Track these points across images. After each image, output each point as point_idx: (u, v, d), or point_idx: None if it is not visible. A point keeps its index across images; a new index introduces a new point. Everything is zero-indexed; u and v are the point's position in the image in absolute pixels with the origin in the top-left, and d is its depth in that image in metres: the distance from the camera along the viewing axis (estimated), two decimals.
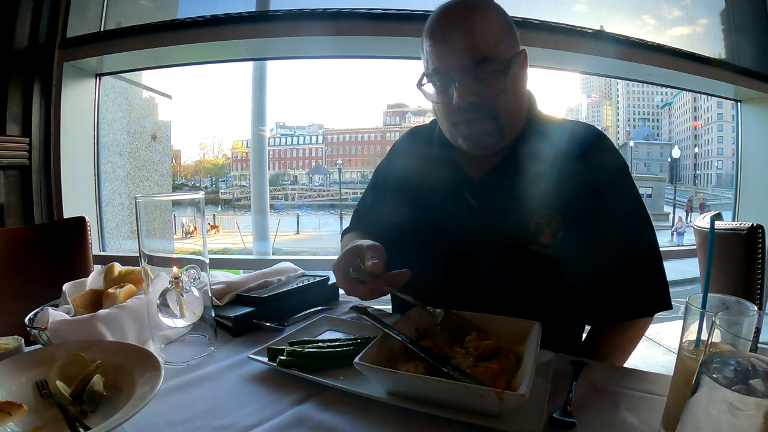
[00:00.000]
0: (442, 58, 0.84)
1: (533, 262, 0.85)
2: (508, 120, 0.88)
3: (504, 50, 0.84)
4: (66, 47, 2.25)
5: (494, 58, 0.82)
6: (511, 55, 0.85)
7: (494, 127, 0.87)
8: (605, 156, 0.91)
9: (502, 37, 0.84)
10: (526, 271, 0.86)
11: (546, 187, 0.87)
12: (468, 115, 0.85)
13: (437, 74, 0.86)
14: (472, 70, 0.82)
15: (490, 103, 0.85)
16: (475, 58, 0.81)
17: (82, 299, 0.81)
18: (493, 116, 0.86)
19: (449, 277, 0.90)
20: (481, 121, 0.86)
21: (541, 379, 0.61)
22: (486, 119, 0.86)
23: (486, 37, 0.82)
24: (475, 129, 0.87)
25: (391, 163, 1.10)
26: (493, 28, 0.83)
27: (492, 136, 0.88)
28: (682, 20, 2.78)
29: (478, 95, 0.83)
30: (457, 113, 0.86)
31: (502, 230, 0.88)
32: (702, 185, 24.69)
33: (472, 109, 0.84)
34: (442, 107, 0.89)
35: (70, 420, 0.54)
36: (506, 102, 0.86)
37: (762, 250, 1.26)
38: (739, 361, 0.38)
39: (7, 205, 2.08)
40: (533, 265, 0.85)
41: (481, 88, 0.83)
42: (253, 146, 2.87)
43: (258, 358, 0.71)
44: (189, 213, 0.76)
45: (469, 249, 0.90)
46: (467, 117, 0.85)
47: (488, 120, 0.86)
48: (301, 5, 2.23)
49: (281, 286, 1.00)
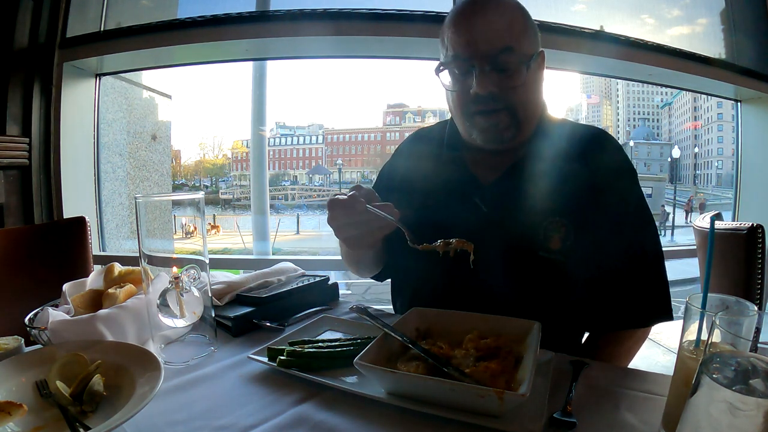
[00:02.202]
0: (465, 45, 0.82)
1: (540, 267, 0.84)
2: (524, 115, 0.87)
3: (526, 45, 0.83)
4: (66, 47, 2.25)
5: (517, 50, 0.81)
6: (533, 52, 0.84)
7: (511, 120, 0.85)
8: (613, 159, 0.90)
9: (526, 32, 0.84)
10: (531, 275, 0.85)
11: (556, 192, 0.87)
12: (485, 106, 0.84)
13: (457, 61, 0.84)
14: (495, 58, 0.81)
15: (510, 95, 0.83)
16: (499, 46, 0.80)
17: (82, 299, 0.81)
18: (511, 109, 0.85)
19: (452, 279, 0.89)
20: (499, 113, 0.85)
21: (541, 379, 0.61)
22: (503, 111, 0.85)
23: (511, 27, 0.82)
24: (492, 120, 0.85)
25: (396, 165, 1.07)
26: (519, 21, 0.83)
27: (509, 130, 0.86)
28: (681, 20, 2.78)
29: (498, 85, 0.82)
30: (474, 103, 0.84)
31: (510, 235, 0.86)
32: (702, 185, 24.68)
33: (490, 99, 0.83)
34: (459, 97, 0.87)
35: (70, 420, 0.54)
36: (525, 96, 0.85)
37: (762, 250, 1.26)
38: (739, 361, 0.38)
39: (7, 205, 2.08)
40: (539, 269, 0.85)
41: (502, 79, 0.82)
42: (253, 146, 2.87)
43: (258, 358, 0.71)
44: (189, 213, 0.76)
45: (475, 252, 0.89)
46: (485, 108, 0.84)
47: (505, 112, 0.85)
48: (301, 5, 2.23)
49: (281, 286, 1.00)
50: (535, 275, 0.85)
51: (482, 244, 0.86)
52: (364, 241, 0.79)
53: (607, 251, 0.85)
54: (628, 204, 0.88)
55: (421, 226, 0.93)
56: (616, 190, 0.87)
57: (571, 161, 0.88)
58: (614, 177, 0.88)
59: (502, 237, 0.86)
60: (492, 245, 0.86)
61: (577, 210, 0.85)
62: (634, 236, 0.87)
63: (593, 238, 0.84)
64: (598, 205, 0.85)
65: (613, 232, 0.85)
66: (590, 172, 0.86)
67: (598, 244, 0.84)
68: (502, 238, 0.86)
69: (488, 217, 0.88)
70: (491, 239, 0.86)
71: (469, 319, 0.74)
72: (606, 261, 0.85)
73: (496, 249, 0.86)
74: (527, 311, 0.75)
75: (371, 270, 1.06)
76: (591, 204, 0.85)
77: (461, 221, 0.90)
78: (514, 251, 0.86)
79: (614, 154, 0.91)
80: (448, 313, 0.77)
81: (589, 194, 0.85)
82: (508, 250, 0.86)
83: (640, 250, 0.87)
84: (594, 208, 0.85)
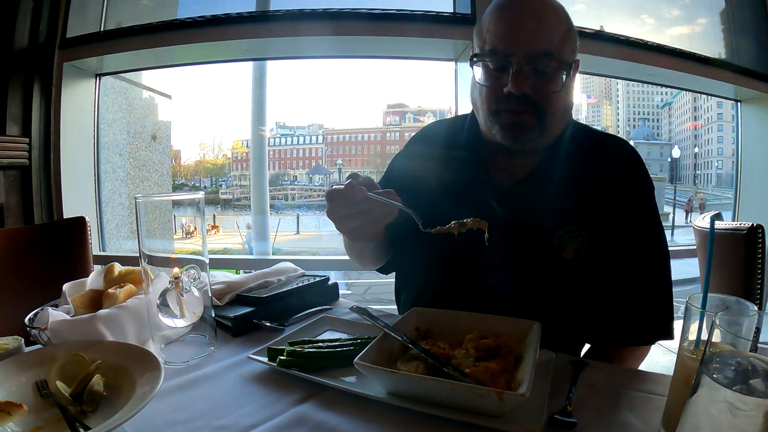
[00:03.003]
0: (507, 40, 0.80)
1: (549, 275, 0.83)
2: (552, 122, 0.84)
3: (567, 52, 0.82)
4: (66, 47, 2.25)
5: (557, 57, 0.79)
6: (571, 60, 0.83)
7: (537, 122, 0.83)
8: (637, 178, 0.88)
9: (568, 40, 0.82)
10: (539, 282, 0.84)
11: (575, 202, 0.85)
12: (515, 106, 0.81)
13: (494, 55, 0.81)
14: (535, 60, 0.79)
15: (543, 100, 0.81)
16: (541, 48, 0.78)
17: (82, 299, 0.81)
18: (540, 114, 0.82)
19: (457, 282, 0.88)
20: (526, 115, 0.82)
21: (541, 379, 0.61)
22: (532, 114, 0.82)
23: (556, 32, 0.80)
24: (518, 119, 0.83)
25: (408, 164, 1.03)
26: (563, 27, 0.81)
27: (533, 131, 0.83)
28: (681, 20, 2.78)
29: (534, 87, 0.80)
30: (503, 101, 0.82)
31: (523, 241, 0.85)
32: (702, 185, 24.64)
33: (522, 100, 0.80)
34: (488, 92, 0.84)
35: (70, 420, 0.54)
36: (558, 104, 0.83)
37: (762, 250, 1.26)
38: (739, 361, 0.38)
39: (7, 205, 2.08)
40: (549, 277, 0.84)
41: (538, 82, 0.80)
42: (253, 146, 2.87)
43: (258, 358, 0.71)
44: (189, 213, 0.76)
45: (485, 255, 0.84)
46: (514, 107, 0.81)
47: (534, 116, 0.82)
48: (301, 5, 2.23)
49: (281, 286, 1.00)
50: (543, 282, 0.84)
51: (494, 248, 0.82)
52: (366, 231, 0.77)
53: (618, 266, 0.84)
54: (644, 222, 0.86)
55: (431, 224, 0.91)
56: (633, 206, 0.86)
57: (591, 171, 0.86)
58: (634, 194, 0.86)
59: (516, 242, 0.85)
60: (504, 249, 0.84)
61: (593, 222, 0.84)
62: (645, 254, 0.86)
63: (606, 252, 0.83)
64: (614, 219, 0.84)
65: (626, 248, 0.84)
66: (610, 185, 0.85)
67: (610, 258, 0.83)
68: (515, 243, 0.85)
69: (503, 222, 0.85)
70: (504, 244, 0.83)
71: (469, 319, 0.74)
72: (616, 276, 0.84)
73: (508, 253, 0.84)
74: (530, 316, 0.74)
75: (375, 263, 1.05)
76: (608, 218, 0.84)
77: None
78: (525, 257, 0.84)
79: (636, 170, 0.89)
80: (448, 313, 0.77)
81: (606, 208, 0.84)
82: (519, 256, 0.84)
83: (651, 268, 0.86)
84: (610, 223, 0.84)
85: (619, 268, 0.84)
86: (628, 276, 0.85)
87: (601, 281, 0.84)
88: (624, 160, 0.89)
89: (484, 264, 0.85)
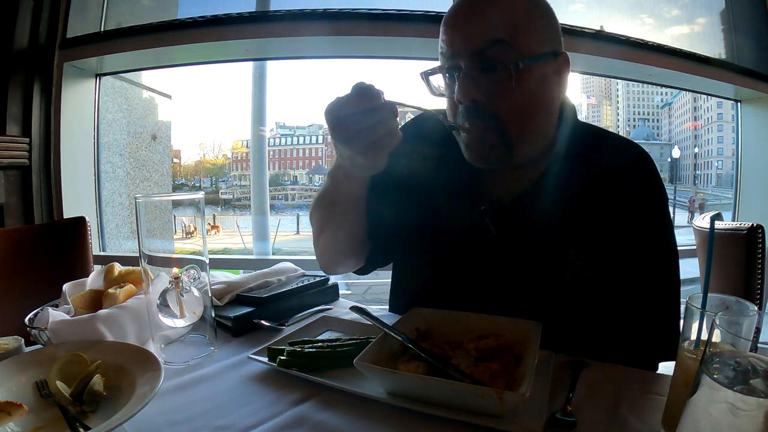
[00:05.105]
0: (451, 41, 0.69)
1: (546, 300, 0.76)
2: (519, 131, 0.71)
3: (533, 41, 0.68)
4: (66, 47, 2.25)
5: (513, 45, 0.66)
6: (539, 50, 0.69)
7: (498, 139, 0.70)
8: (648, 188, 0.78)
9: (533, 26, 0.69)
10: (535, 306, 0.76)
11: (577, 219, 0.76)
12: (470, 120, 0.70)
13: (445, 61, 0.71)
14: (481, 55, 0.67)
15: (500, 105, 0.69)
16: (491, 37, 0.66)
17: (82, 299, 0.81)
18: (496, 124, 0.70)
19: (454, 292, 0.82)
20: (484, 130, 0.70)
21: (541, 379, 0.61)
22: (489, 128, 0.70)
23: (504, 18, 0.67)
24: (475, 136, 0.71)
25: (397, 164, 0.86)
26: (521, 12, 0.69)
27: (496, 150, 0.71)
28: (681, 20, 2.78)
29: (485, 93, 0.68)
30: (461, 116, 0.71)
31: (520, 263, 0.77)
32: (702, 185, 24.60)
33: (473, 110, 0.69)
34: (448, 107, 0.74)
35: (70, 420, 0.54)
36: (516, 108, 0.69)
37: (762, 250, 1.26)
38: (739, 361, 0.38)
39: (7, 205, 2.08)
40: (545, 301, 0.76)
41: (489, 84, 0.68)
42: (253, 146, 2.87)
43: (258, 358, 0.71)
44: (189, 213, 0.76)
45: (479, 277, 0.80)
46: (469, 121, 0.70)
47: (491, 129, 0.70)
48: (301, 5, 2.23)
49: (281, 286, 1.00)
50: (538, 306, 0.76)
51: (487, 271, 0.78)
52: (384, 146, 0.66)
53: (624, 287, 0.77)
54: (654, 241, 0.78)
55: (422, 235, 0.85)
56: (644, 224, 0.77)
57: (595, 181, 0.76)
58: (646, 210, 0.77)
59: (511, 264, 0.78)
60: (499, 270, 0.79)
61: (597, 242, 0.75)
62: (653, 274, 0.77)
63: (609, 274, 0.75)
64: (621, 238, 0.75)
65: (634, 268, 0.76)
66: (619, 200, 0.75)
67: (614, 279, 0.76)
68: (511, 264, 0.78)
69: (498, 242, 0.79)
70: (499, 265, 0.78)
71: (469, 319, 0.74)
72: (621, 297, 0.76)
73: (504, 274, 0.78)
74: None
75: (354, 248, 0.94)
76: (613, 236, 0.75)
77: (469, 242, 0.81)
78: (521, 279, 0.78)
79: (650, 182, 0.78)
80: (448, 313, 0.77)
81: (613, 225, 0.75)
82: (515, 280, 0.78)
83: (658, 289, 0.78)
84: (616, 242, 0.75)
85: (624, 290, 0.77)
86: (633, 299, 0.77)
87: (605, 301, 0.76)
88: (636, 172, 0.79)
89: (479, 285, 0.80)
